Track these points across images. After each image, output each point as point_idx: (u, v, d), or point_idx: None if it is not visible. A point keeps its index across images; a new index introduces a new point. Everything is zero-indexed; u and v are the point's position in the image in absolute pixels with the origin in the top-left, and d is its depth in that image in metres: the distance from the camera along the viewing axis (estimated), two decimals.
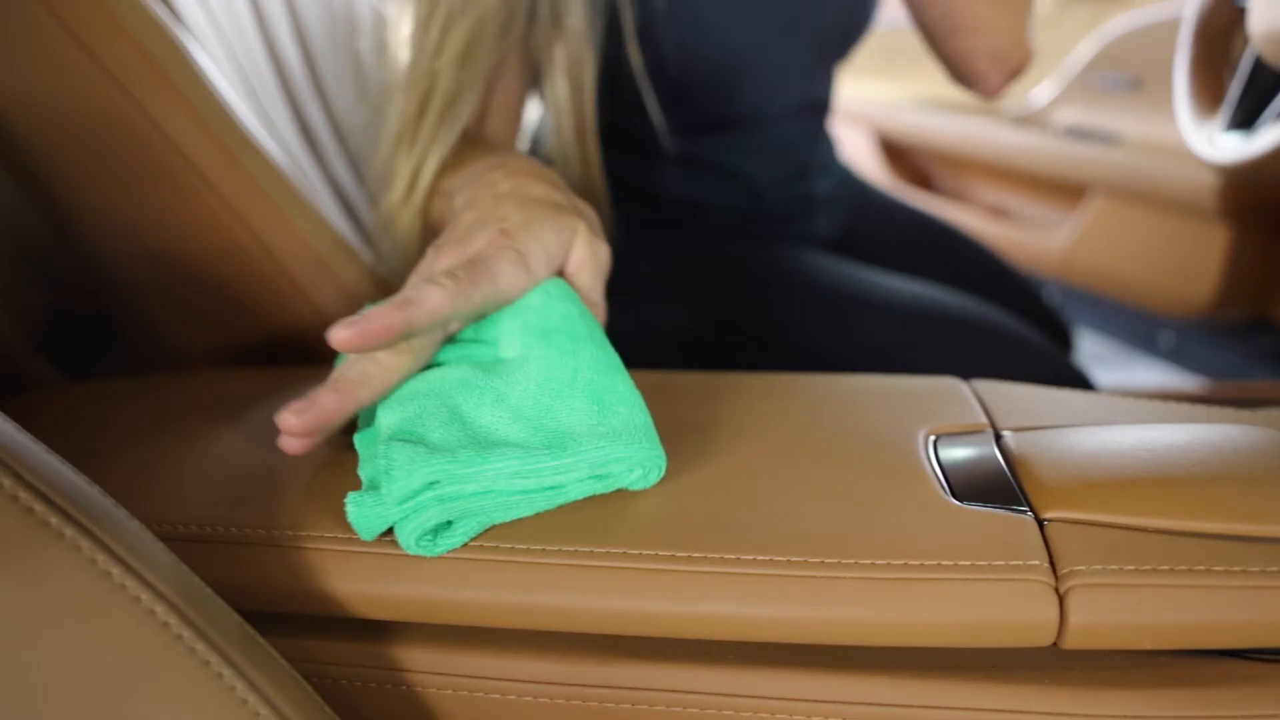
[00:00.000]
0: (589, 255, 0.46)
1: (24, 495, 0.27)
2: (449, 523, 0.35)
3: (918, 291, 0.75)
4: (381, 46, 0.75)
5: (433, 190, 0.59)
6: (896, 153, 1.87)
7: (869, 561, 0.34)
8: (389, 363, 0.40)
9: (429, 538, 0.35)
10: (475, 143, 0.61)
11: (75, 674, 0.27)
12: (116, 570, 0.28)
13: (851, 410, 0.44)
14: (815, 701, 0.36)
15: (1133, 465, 0.37)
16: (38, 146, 0.54)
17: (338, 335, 0.37)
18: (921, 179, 1.84)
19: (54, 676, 0.27)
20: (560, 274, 0.46)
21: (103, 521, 0.29)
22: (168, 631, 0.28)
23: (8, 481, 0.27)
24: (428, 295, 0.39)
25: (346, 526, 0.36)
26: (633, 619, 0.34)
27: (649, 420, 0.39)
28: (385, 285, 0.61)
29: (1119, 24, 1.40)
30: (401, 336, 0.39)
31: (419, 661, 0.38)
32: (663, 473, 0.38)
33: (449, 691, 0.37)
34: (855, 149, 1.89)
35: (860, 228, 0.92)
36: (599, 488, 0.37)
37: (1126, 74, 1.38)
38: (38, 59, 0.51)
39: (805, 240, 0.85)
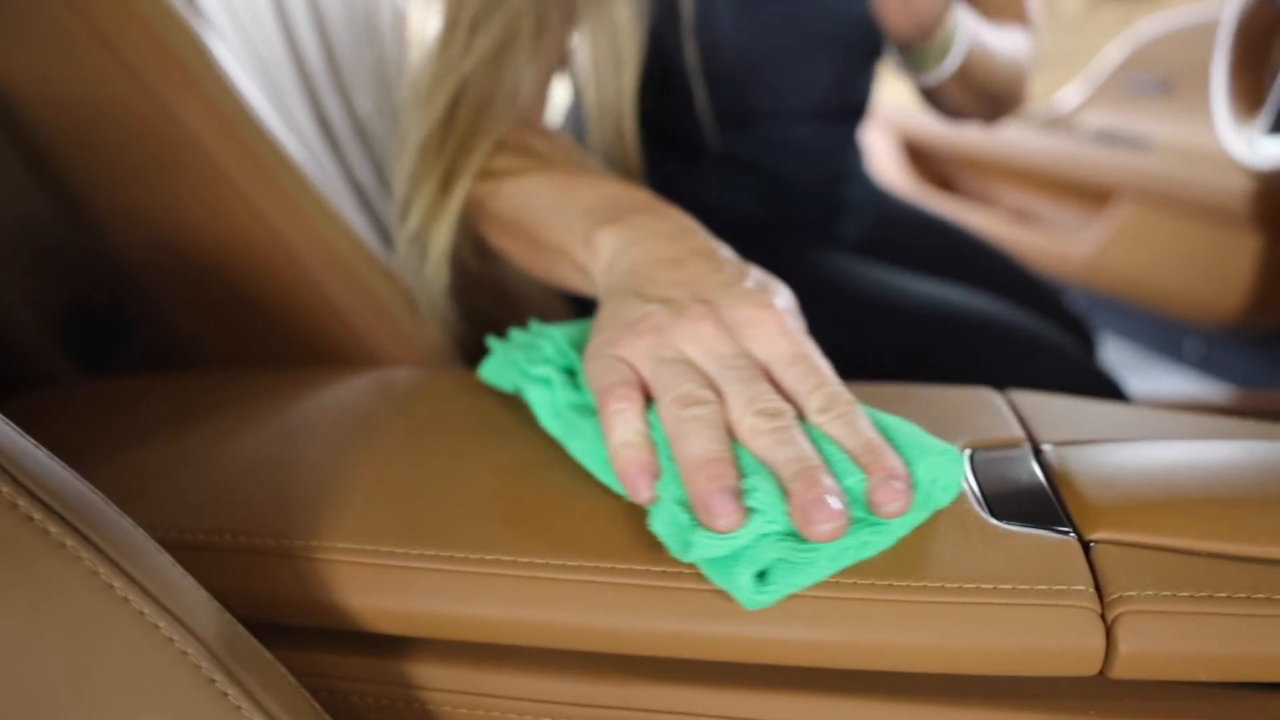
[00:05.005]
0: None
1: (23, 502, 0.26)
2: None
3: (943, 295, 0.73)
4: (402, 45, 0.73)
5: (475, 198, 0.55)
6: (918, 155, 1.84)
7: (904, 583, 0.32)
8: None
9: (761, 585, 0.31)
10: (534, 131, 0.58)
11: (76, 687, 0.26)
12: (119, 583, 0.27)
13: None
14: None
15: (1185, 485, 0.35)
16: (56, 139, 0.54)
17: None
18: (943, 181, 1.82)
19: (55, 689, 0.26)
20: None
21: (105, 531, 0.27)
22: (172, 647, 0.27)
23: (6, 488, 0.26)
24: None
25: (359, 536, 0.35)
26: (654, 639, 0.33)
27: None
28: (405, 286, 0.60)
29: (1150, 26, 1.37)
30: None
31: (433, 678, 0.36)
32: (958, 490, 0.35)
33: (464, 710, 0.36)
34: (877, 152, 1.86)
35: (883, 235, 0.90)
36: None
37: (1157, 77, 1.35)
38: (57, 51, 0.50)
39: (831, 245, 0.83)
